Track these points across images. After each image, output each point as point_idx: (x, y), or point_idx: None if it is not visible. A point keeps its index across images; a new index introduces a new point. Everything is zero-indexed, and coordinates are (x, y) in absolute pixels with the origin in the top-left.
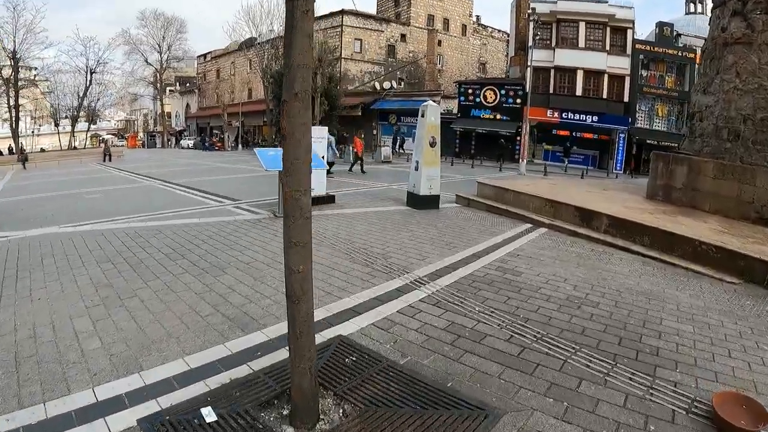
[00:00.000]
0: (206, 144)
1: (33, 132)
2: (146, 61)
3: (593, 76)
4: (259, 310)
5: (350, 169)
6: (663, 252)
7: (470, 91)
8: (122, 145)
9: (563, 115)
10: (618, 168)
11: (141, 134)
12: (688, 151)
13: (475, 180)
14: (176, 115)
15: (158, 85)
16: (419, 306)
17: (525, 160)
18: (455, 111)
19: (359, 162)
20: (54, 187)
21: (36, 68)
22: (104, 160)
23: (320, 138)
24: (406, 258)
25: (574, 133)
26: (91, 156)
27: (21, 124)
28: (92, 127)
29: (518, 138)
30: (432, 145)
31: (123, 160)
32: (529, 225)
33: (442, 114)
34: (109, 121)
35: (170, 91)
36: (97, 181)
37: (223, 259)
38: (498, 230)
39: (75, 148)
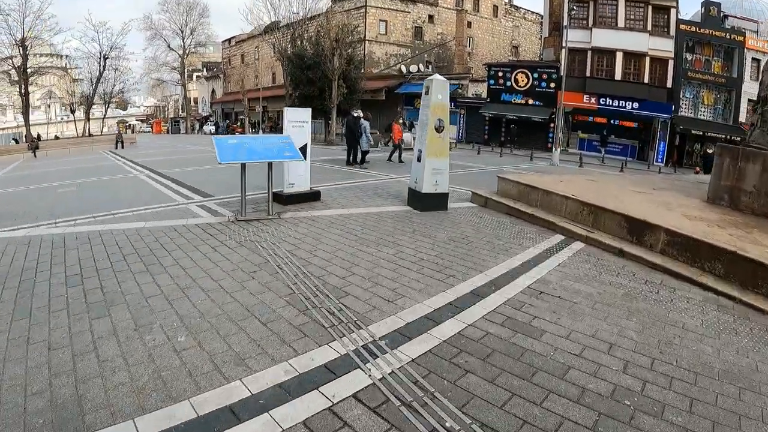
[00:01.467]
0: (221, 130)
1: (62, 119)
2: (168, 46)
3: (634, 58)
4: (100, 394)
5: (389, 159)
6: (743, 288)
7: (500, 74)
8: (148, 131)
9: (601, 100)
10: (659, 160)
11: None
12: (761, 144)
13: (500, 173)
14: (202, 101)
15: (182, 70)
16: (346, 413)
17: (558, 150)
18: (484, 95)
19: (397, 150)
20: (43, 178)
21: (67, 56)
22: (116, 147)
23: (300, 122)
24: (371, 296)
25: (612, 121)
26: (104, 143)
27: (51, 110)
28: (122, 113)
29: (551, 125)
30: (438, 130)
31: (135, 147)
32: (561, 237)
33: (470, 98)
34: (138, 107)
35: (197, 76)
36: (89, 171)
37: (125, 287)
38: (518, 246)
39: (91, 134)
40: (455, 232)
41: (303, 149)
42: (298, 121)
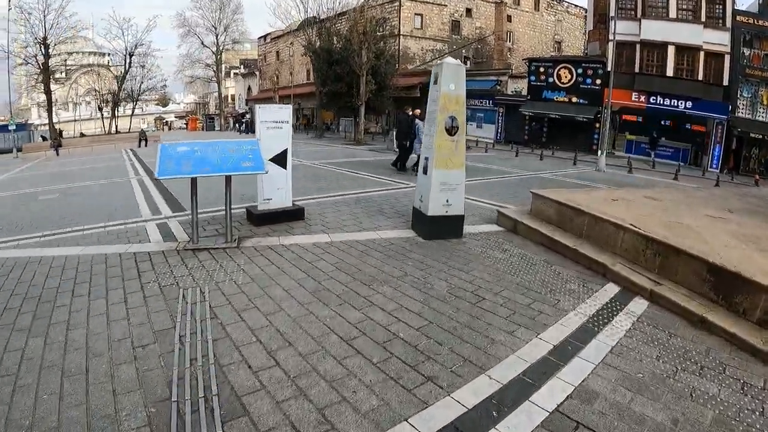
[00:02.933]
0: (243, 128)
1: (101, 115)
2: (202, 43)
3: (686, 53)
4: None
5: None
6: None
7: (542, 69)
8: (184, 128)
9: (651, 99)
10: (714, 166)
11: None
12: None
13: (539, 181)
14: (239, 98)
15: (216, 67)
16: None
17: (605, 153)
18: (525, 92)
19: None
20: (44, 180)
21: (109, 53)
22: (139, 145)
23: (277, 123)
24: (277, 422)
25: (663, 122)
26: (127, 141)
27: (90, 108)
28: (161, 109)
29: (597, 125)
30: (450, 131)
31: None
32: (615, 289)
33: (509, 96)
34: (178, 104)
35: (234, 73)
36: (92, 173)
37: None
38: (551, 307)
39: (118, 131)
40: (463, 279)
41: (282, 157)
42: (274, 121)
